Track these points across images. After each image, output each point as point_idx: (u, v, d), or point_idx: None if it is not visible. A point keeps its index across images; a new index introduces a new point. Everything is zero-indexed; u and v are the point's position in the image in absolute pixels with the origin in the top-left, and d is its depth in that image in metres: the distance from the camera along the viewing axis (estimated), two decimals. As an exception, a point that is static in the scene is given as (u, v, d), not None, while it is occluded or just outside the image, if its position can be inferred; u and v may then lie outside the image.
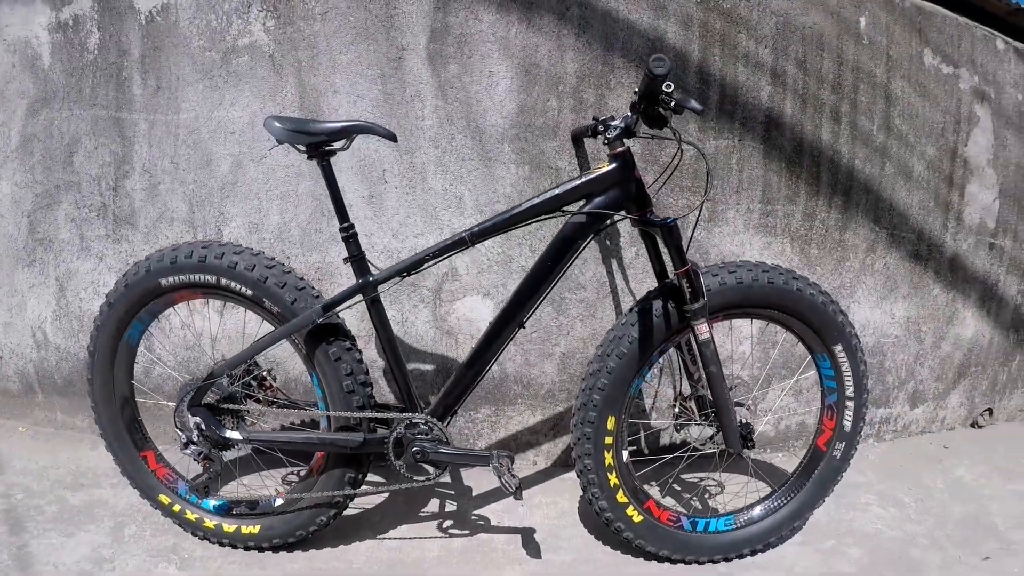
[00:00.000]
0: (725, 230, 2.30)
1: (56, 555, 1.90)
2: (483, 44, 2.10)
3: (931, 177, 2.52)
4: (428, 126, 2.15)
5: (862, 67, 2.33)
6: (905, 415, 2.76)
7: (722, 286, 1.76)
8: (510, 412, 2.36)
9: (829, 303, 1.85)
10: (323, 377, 1.79)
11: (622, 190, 1.70)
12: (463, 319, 2.27)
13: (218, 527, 1.93)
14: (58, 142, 2.36)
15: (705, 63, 2.17)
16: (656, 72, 1.51)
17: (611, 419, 1.78)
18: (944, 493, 2.37)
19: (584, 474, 1.83)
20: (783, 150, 2.29)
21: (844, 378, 1.93)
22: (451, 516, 2.13)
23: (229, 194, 2.24)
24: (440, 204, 2.19)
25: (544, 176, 2.18)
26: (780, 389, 2.49)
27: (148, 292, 1.81)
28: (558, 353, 2.31)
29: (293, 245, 2.25)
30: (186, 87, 2.21)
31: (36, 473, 2.32)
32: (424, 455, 1.80)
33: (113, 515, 2.09)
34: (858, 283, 2.50)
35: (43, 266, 2.47)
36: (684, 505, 2.18)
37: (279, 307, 1.75)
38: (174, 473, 2.01)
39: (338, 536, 1.99)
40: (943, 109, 2.50)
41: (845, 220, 2.42)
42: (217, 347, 2.32)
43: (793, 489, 2.03)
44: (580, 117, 2.14)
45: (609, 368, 1.75)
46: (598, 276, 2.26)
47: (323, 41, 2.11)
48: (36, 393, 2.63)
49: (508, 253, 2.22)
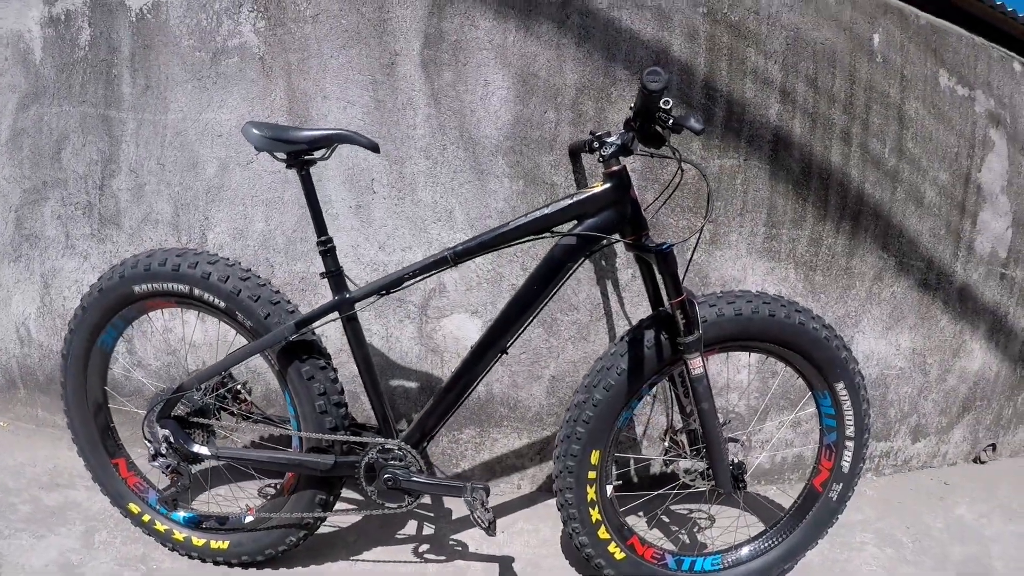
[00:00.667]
0: (727, 254, 2.16)
1: (25, 557, 1.83)
2: (479, 51, 1.97)
3: (943, 203, 2.38)
4: (420, 135, 2.02)
5: (875, 86, 2.20)
6: (906, 449, 2.61)
7: (719, 317, 1.63)
8: (495, 434, 2.23)
9: (832, 338, 1.72)
10: (295, 396, 1.68)
11: (616, 211, 1.57)
12: (450, 337, 2.14)
13: (187, 540, 1.84)
14: (47, 138, 2.27)
15: (711, 78, 2.04)
16: (651, 87, 1.38)
17: (595, 453, 1.65)
18: (944, 533, 2.25)
19: (565, 508, 1.70)
20: (790, 171, 2.16)
21: (845, 417, 1.79)
22: (428, 540, 2.02)
23: (215, 198, 2.13)
24: (430, 217, 2.07)
25: (539, 191, 2.05)
26: (778, 422, 2.35)
27: (122, 298, 1.72)
28: (547, 376, 2.18)
29: (278, 253, 2.13)
30: (175, 87, 2.10)
31: (13, 470, 2.24)
32: (396, 482, 1.68)
33: (85, 519, 2.01)
34: (864, 312, 2.36)
35: (28, 262, 2.37)
36: (672, 539, 2.05)
37: (252, 321, 1.64)
38: (145, 482, 1.93)
39: (310, 555, 1.89)
40: (957, 133, 2.36)
41: (852, 246, 2.28)
42: (198, 354, 2.21)
43: (785, 530, 1.89)
44: (579, 131, 2.02)
45: (595, 400, 1.62)
46: (592, 297, 2.13)
47: (314, 44, 2.00)
48: (18, 389, 2.54)
49: (499, 271, 2.09)
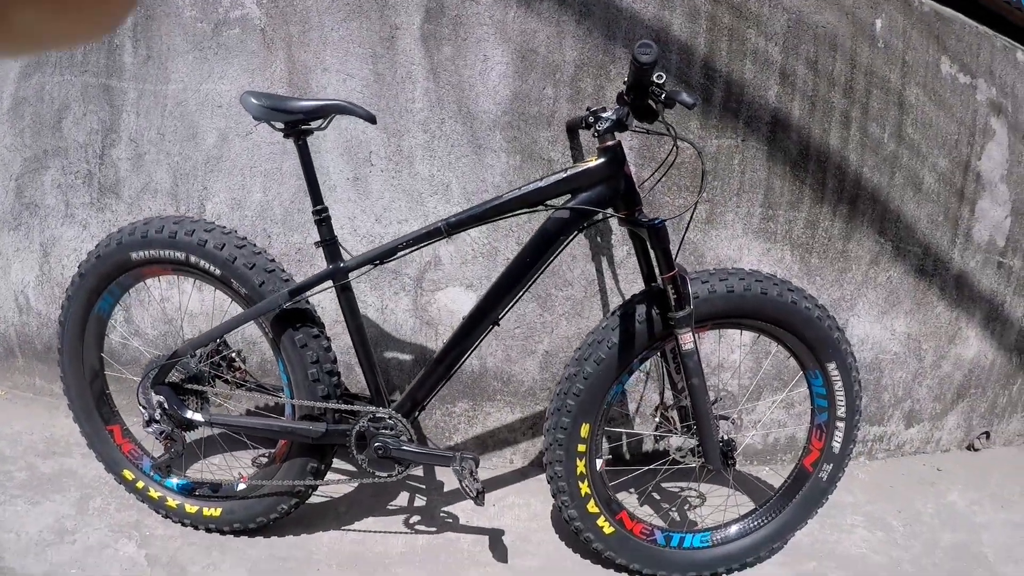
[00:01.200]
0: (723, 234, 2.15)
1: (20, 523, 1.84)
2: (479, 27, 1.95)
3: (941, 190, 2.36)
4: (418, 109, 2.01)
5: (876, 71, 2.17)
6: (899, 434, 2.60)
7: (711, 294, 1.62)
8: (488, 408, 2.22)
9: (825, 318, 1.71)
10: (288, 363, 1.68)
11: (610, 186, 1.56)
12: (444, 310, 2.13)
13: (180, 507, 1.85)
14: (48, 107, 2.25)
15: (711, 58, 2.01)
16: (642, 60, 1.36)
17: (585, 426, 1.65)
18: (934, 518, 2.25)
19: (555, 481, 1.70)
20: (788, 153, 2.13)
21: (836, 398, 1.79)
22: (419, 512, 2.02)
23: (213, 168, 2.12)
24: (426, 190, 2.05)
25: (536, 166, 2.03)
26: (771, 402, 2.34)
27: (119, 265, 1.73)
28: (541, 351, 2.17)
29: (275, 224, 2.12)
30: (176, 57, 2.08)
31: (10, 438, 2.24)
32: (386, 451, 1.68)
33: (80, 486, 2.01)
34: (859, 296, 2.34)
35: (28, 230, 2.37)
36: (662, 516, 2.06)
37: (247, 288, 1.64)
38: (140, 449, 1.93)
39: (301, 524, 1.89)
40: (958, 120, 2.33)
41: (849, 230, 2.26)
42: (195, 323, 2.21)
43: (775, 509, 1.89)
44: (577, 107, 1.99)
45: (586, 373, 1.61)
46: (586, 274, 2.11)
47: (315, 17, 1.98)
48: (16, 357, 2.54)
49: (494, 245, 2.08)
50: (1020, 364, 2.75)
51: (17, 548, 1.73)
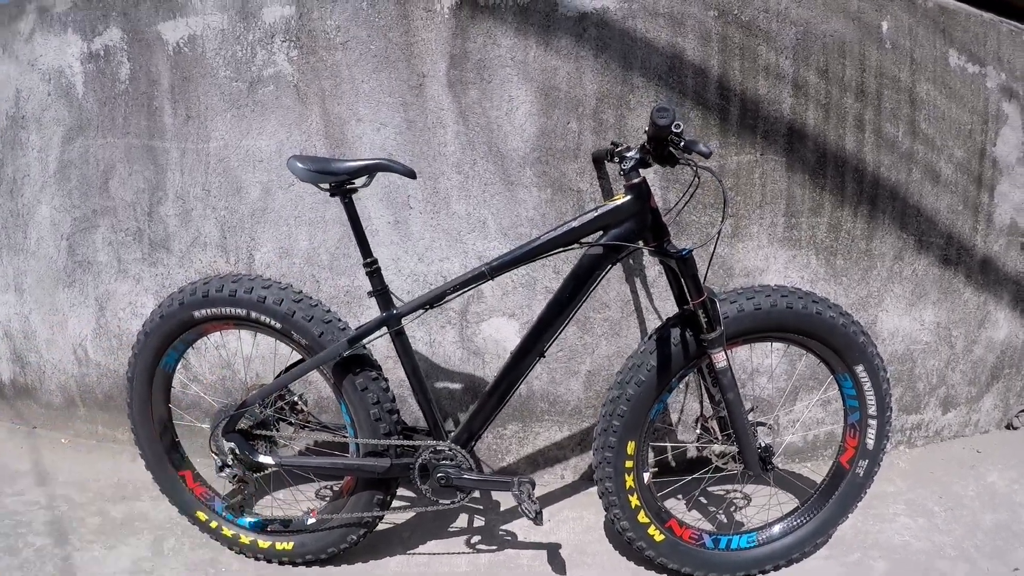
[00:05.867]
0: (749, 245, 2.29)
1: (99, 568, 2.00)
2: (502, 69, 2.12)
3: (959, 179, 2.47)
4: (451, 152, 2.18)
5: (885, 72, 2.29)
6: (937, 420, 2.73)
7: (740, 313, 1.77)
8: (537, 428, 2.40)
9: (850, 324, 1.85)
10: (351, 405, 1.85)
11: (638, 221, 1.72)
12: (489, 339, 2.31)
13: (253, 543, 2.02)
14: (94, 168, 2.45)
15: (725, 77, 2.16)
16: (660, 124, 1.54)
17: (631, 444, 1.82)
18: (975, 501, 2.35)
19: (605, 496, 1.88)
20: (806, 162, 2.27)
21: (866, 397, 1.93)
22: (479, 532, 2.20)
23: (259, 220, 2.31)
24: (464, 228, 2.23)
25: (566, 198, 2.20)
26: (807, 401, 2.49)
27: (182, 323, 1.89)
28: (583, 371, 2.34)
29: (322, 269, 2.30)
30: (215, 116, 2.27)
31: (78, 484, 2.42)
32: (448, 480, 1.86)
33: (153, 528, 2.18)
34: (886, 291, 2.47)
35: (83, 287, 2.57)
36: (710, 519, 2.22)
37: (307, 339, 1.81)
38: (211, 491, 2.10)
39: (369, 551, 2.06)
40: (970, 109, 2.44)
41: (871, 229, 2.39)
42: (251, 366, 2.40)
43: (816, 506, 2.03)
44: (601, 138, 2.15)
45: (628, 395, 1.78)
46: (622, 295, 2.28)
47: (345, 70, 2.15)
48: (78, 407, 2.75)
49: (532, 275, 2.25)
50: (1053, 341, 2.85)
51: (99, 592, 1.90)
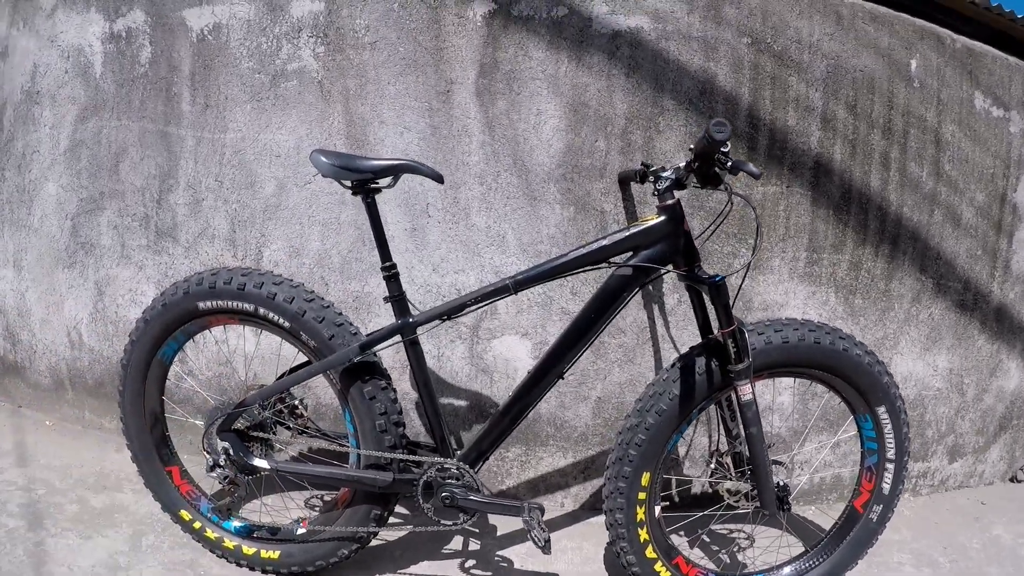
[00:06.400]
0: (770, 279, 2.27)
1: (72, 557, 1.92)
2: (532, 81, 2.09)
3: (979, 224, 2.47)
4: (474, 162, 2.14)
5: (912, 111, 2.29)
6: (943, 469, 2.70)
7: (767, 345, 1.73)
8: (541, 453, 2.34)
9: (875, 364, 1.82)
10: (356, 414, 1.78)
11: (670, 244, 1.68)
12: (500, 358, 2.26)
13: (237, 548, 1.93)
14: (105, 150, 2.39)
15: (755, 106, 2.14)
16: (716, 138, 1.48)
17: (646, 475, 1.76)
18: (980, 553, 2.33)
19: (614, 527, 1.81)
20: (831, 197, 2.25)
21: (886, 440, 1.89)
22: (474, 556, 2.12)
23: (271, 216, 2.25)
24: (483, 241, 2.18)
25: (589, 218, 2.16)
26: (818, 443, 2.44)
27: (185, 314, 1.82)
28: (594, 397, 2.29)
29: (333, 272, 2.25)
30: (234, 107, 2.22)
31: (60, 470, 2.34)
32: (453, 500, 1.78)
33: (132, 522, 2.11)
34: (902, 334, 2.45)
35: (83, 269, 2.51)
36: (713, 559, 2.15)
37: (316, 341, 1.75)
38: (197, 490, 2.02)
39: (358, 567, 1.99)
40: (993, 153, 2.45)
41: (891, 269, 2.37)
42: (251, 366, 2.33)
43: (827, 550, 1.99)
44: (628, 159, 2.12)
45: (648, 424, 1.73)
46: (638, 322, 2.24)
47: (372, 71, 2.12)
48: (66, 390, 2.67)
49: (548, 295, 2.20)
50: (1062, 396, 2.84)
51: (70, 582, 1.81)
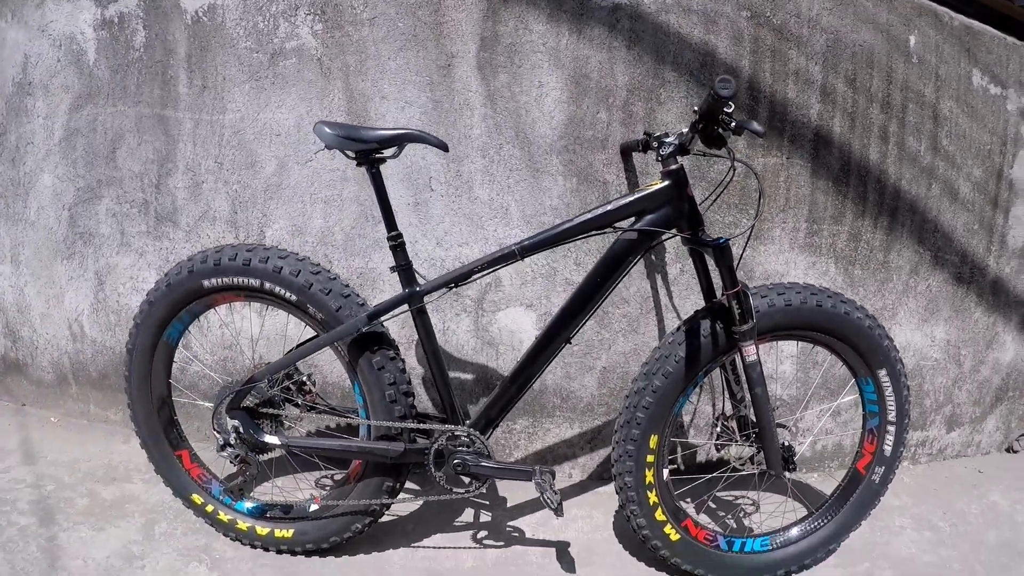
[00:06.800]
0: (770, 248, 2.31)
1: (86, 549, 1.93)
2: (533, 54, 2.11)
3: (976, 199, 2.51)
4: (476, 135, 2.16)
5: (911, 86, 2.33)
6: (941, 438, 2.75)
7: (771, 308, 1.76)
8: (548, 424, 2.37)
9: (876, 327, 1.86)
10: (365, 385, 1.81)
11: (675, 208, 1.71)
12: (505, 330, 2.29)
13: (251, 529, 1.96)
14: (101, 137, 2.39)
15: (755, 79, 2.18)
16: (721, 94, 1.51)
17: (654, 438, 1.80)
18: (979, 519, 2.38)
19: (623, 491, 1.85)
20: (831, 169, 2.29)
21: (887, 403, 1.94)
22: (485, 527, 2.15)
23: (273, 196, 2.27)
24: (486, 214, 2.21)
25: (592, 189, 2.19)
26: (820, 410, 2.49)
27: (190, 293, 1.84)
28: (599, 367, 2.32)
29: (336, 249, 2.27)
30: (232, 87, 2.24)
31: (67, 465, 2.36)
32: (465, 468, 1.82)
33: (144, 511, 2.12)
34: (900, 305, 2.49)
35: (82, 259, 2.51)
36: (719, 524, 2.20)
37: (323, 313, 1.77)
38: (208, 473, 2.05)
39: (371, 543, 2.02)
40: (990, 130, 2.49)
41: (890, 241, 2.42)
42: (256, 347, 2.35)
43: (830, 512, 2.04)
44: (629, 130, 2.16)
45: (654, 387, 1.76)
46: (642, 291, 2.27)
47: (371, 46, 2.14)
48: (70, 385, 2.68)
49: (552, 265, 2.23)
50: (1056, 367, 2.89)
51: (85, 575, 1.83)
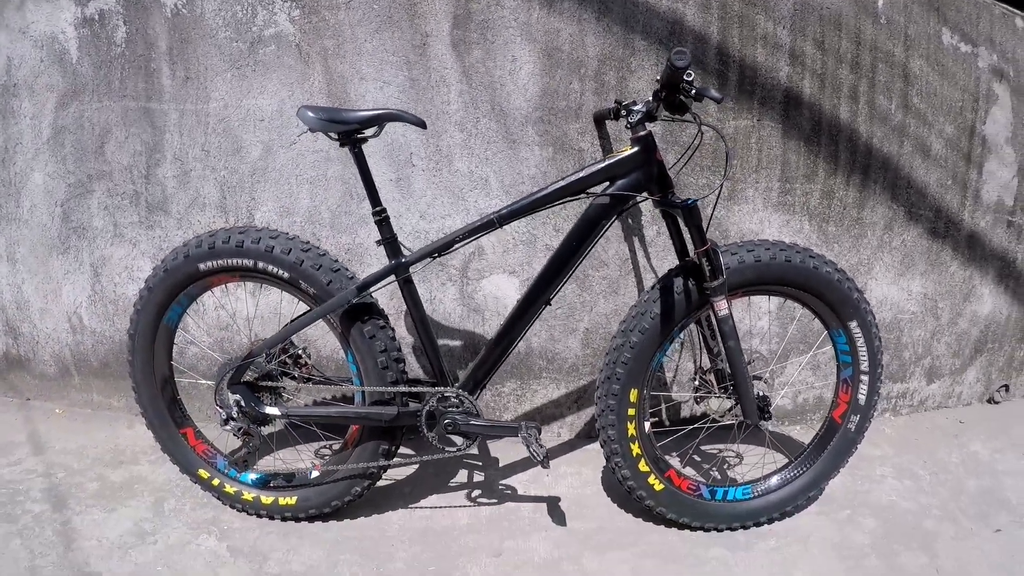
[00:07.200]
0: (744, 208, 2.40)
1: (99, 530, 2.04)
2: (505, 29, 2.20)
3: (949, 155, 2.59)
4: (454, 110, 2.26)
5: (880, 47, 2.40)
6: (922, 390, 2.86)
7: (741, 264, 1.86)
8: (535, 386, 2.50)
9: (845, 280, 1.95)
10: (358, 354, 1.92)
11: (644, 172, 1.81)
12: (489, 296, 2.40)
13: (256, 499, 2.07)
14: (89, 133, 2.47)
15: (724, 44, 2.26)
16: (677, 64, 1.61)
17: (634, 392, 1.91)
18: (959, 467, 2.46)
19: (607, 444, 1.96)
20: (802, 129, 2.38)
21: (859, 353, 2.03)
22: (479, 486, 2.27)
23: (260, 179, 2.36)
24: (466, 186, 2.31)
25: (568, 157, 2.29)
26: (798, 363, 2.60)
27: (187, 276, 1.94)
28: (582, 328, 2.44)
29: (323, 227, 2.37)
30: (215, 77, 2.32)
31: (75, 452, 2.46)
32: (455, 427, 1.93)
33: (152, 490, 2.23)
34: (875, 260, 2.59)
35: (77, 253, 2.60)
36: (704, 475, 2.31)
37: (315, 288, 1.87)
38: (213, 448, 2.16)
39: (371, 506, 2.13)
40: (961, 88, 2.56)
41: (863, 198, 2.50)
42: (251, 327, 2.45)
43: (809, 460, 2.14)
44: (602, 99, 2.25)
45: (632, 343, 1.87)
46: (620, 254, 2.38)
47: (348, 29, 2.22)
48: (72, 376, 2.78)
49: (533, 232, 2.34)
50: (1035, 318, 2.99)
51: (101, 553, 1.94)
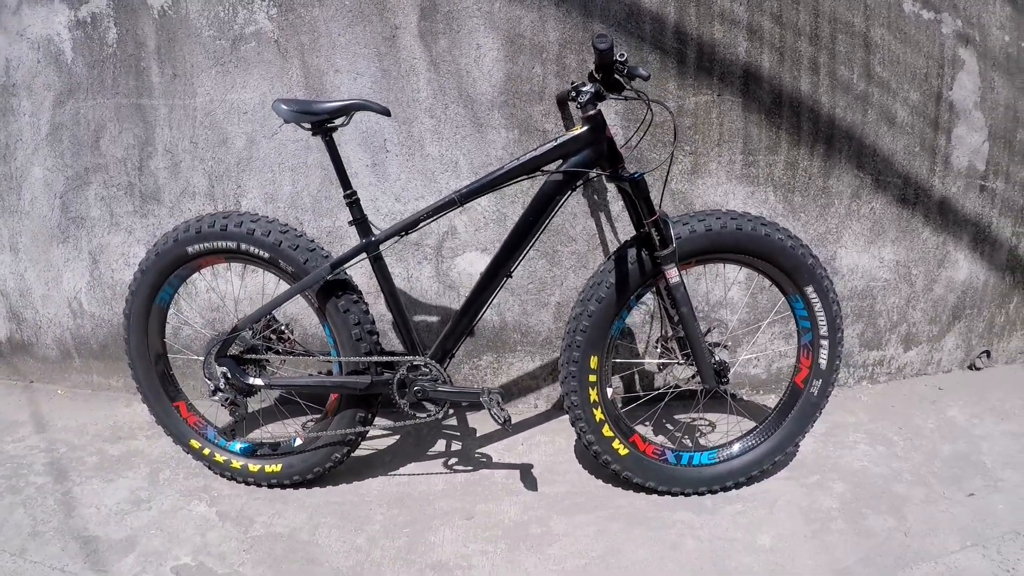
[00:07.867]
0: (708, 181, 2.52)
1: (98, 499, 2.23)
2: (469, 19, 2.35)
3: (916, 122, 2.67)
4: (423, 98, 2.42)
5: (839, 18, 2.49)
6: (899, 357, 2.95)
7: (692, 233, 1.99)
8: (511, 359, 2.66)
9: (799, 247, 2.05)
10: (334, 327, 2.09)
11: (595, 149, 1.95)
12: (463, 273, 2.56)
13: (243, 467, 2.26)
14: (85, 129, 2.67)
15: (681, 23, 2.37)
16: (600, 48, 1.79)
17: (594, 359, 2.05)
18: (935, 433, 2.50)
19: (572, 410, 2.11)
20: (762, 103, 2.49)
21: (817, 318, 2.13)
22: (456, 455, 2.44)
23: (245, 168, 2.55)
24: (438, 169, 2.47)
25: (533, 138, 2.44)
26: (769, 334, 2.72)
27: (177, 259, 2.13)
28: (553, 303, 2.59)
29: (305, 212, 2.55)
30: (200, 73, 2.50)
31: (76, 429, 2.66)
32: (424, 393, 2.11)
33: (148, 462, 2.43)
34: (844, 228, 2.69)
35: (76, 242, 2.80)
36: (672, 440, 2.44)
37: (293, 267, 2.05)
38: (203, 420, 2.35)
39: (352, 474, 2.31)
40: (925, 54, 2.63)
41: (828, 168, 2.60)
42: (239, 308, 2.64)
43: (773, 425, 2.24)
44: (564, 82, 2.38)
45: (589, 312, 2.01)
46: (588, 229, 2.52)
47: (323, 25, 2.38)
48: (73, 358, 2.99)
49: (503, 211, 2.49)
50: (1015, 282, 3.05)
51: (99, 519, 2.13)
